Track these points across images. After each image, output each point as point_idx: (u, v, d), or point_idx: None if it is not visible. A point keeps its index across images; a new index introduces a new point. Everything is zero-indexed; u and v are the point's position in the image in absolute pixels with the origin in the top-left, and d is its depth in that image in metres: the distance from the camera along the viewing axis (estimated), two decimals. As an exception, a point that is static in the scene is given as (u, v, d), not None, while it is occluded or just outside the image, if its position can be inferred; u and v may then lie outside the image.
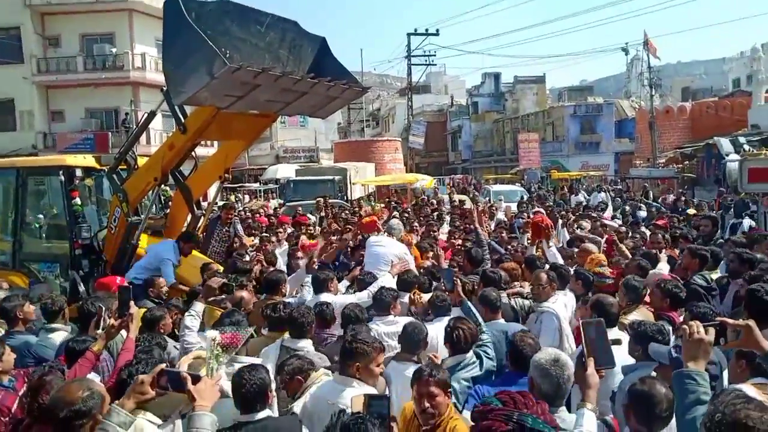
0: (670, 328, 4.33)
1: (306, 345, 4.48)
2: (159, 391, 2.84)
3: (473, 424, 2.61)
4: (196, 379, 2.83)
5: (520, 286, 6.00)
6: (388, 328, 4.93)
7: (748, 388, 3.15)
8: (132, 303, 4.29)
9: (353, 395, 3.05)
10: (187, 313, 4.83)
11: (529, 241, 8.24)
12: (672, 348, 3.37)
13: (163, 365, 2.95)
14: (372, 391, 3.57)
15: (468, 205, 17.71)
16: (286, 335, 4.63)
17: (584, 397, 2.71)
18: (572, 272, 5.93)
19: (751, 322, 2.76)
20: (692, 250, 6.44)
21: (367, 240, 7.57)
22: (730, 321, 2.79)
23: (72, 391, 2.79)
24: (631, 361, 3.84)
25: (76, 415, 2.70)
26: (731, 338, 2.78)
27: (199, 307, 4.86)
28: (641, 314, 4.81)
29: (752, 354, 2.94)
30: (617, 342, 3.45)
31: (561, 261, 7.15)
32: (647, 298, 5.20)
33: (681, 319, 4.56)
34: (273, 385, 3.59)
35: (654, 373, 3.44)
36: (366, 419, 2.47)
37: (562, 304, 5.26)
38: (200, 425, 2.69)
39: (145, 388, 2.80)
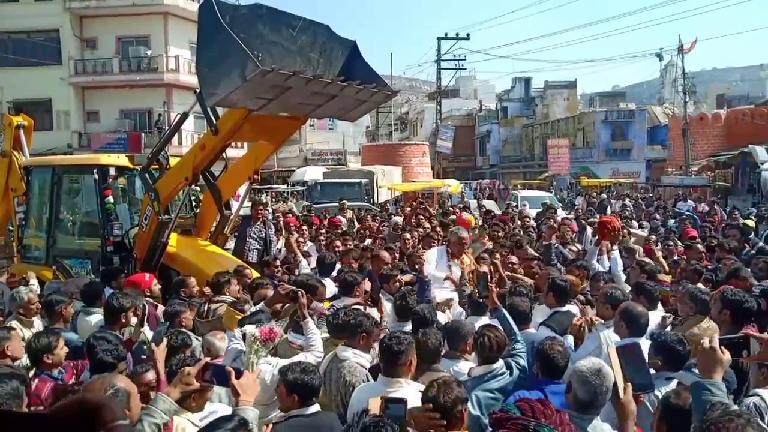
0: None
1: (349, 355, 4.15)
2: (203, 384, 2.89)
3: (490, 430, 2.60)
4: (239, 374, 2.88)
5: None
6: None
7: (766, 393, 3.23)
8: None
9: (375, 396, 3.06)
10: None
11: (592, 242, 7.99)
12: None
13: (208, 359, 2.99)
14: (418, 387, 3.58)
15: (497, 211, 17.55)
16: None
17: (621, 427, 2.58)
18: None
19: None
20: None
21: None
22: (755, 334, 2.75)
23: (95, 390, 2.84)
24: (651, 371, 3.78)
25: None
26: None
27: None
28: (708, 326, 4.53)
29: None
30: (656, 364, 3.35)
31: (621, 268, 6.93)
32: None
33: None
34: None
35: (675, 384, 3.40)
36: (386, 423, 2.48)
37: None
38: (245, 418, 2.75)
39: (191, 379, 2.84)
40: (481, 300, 5.04)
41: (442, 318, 5.62)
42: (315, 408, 3.38)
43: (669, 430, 2.67)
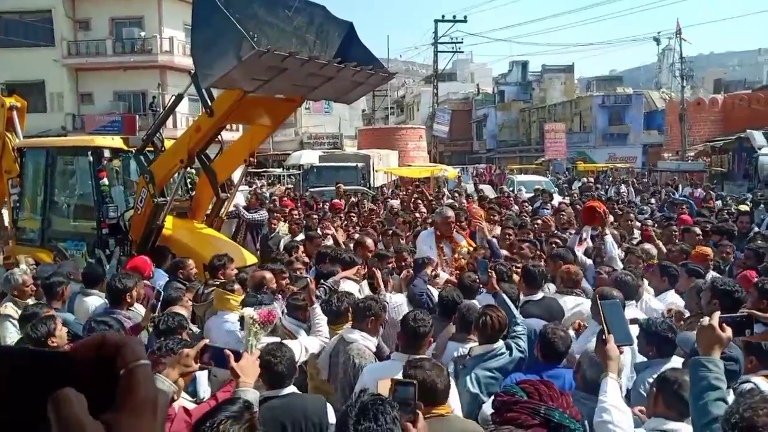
0: None
1: (357, 337, 4.19)
2: (201, 366, 2.87)
3: (494, 412, 2.58)
4: (238, 356, 2.86)
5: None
6: None
7: (758, 379, 3.28)
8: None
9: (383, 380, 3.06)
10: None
11: (574, 229, 7.80)
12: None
13: (207, 341, 2.97)
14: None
15: (491, 195, 17.55)
16: (346, 326, 4.44)
17: (606, 368, 2.81)
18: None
19: None
20: None
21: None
22: (759, 314, 2.76)
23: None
24: (643, 359, 3.84)
25: None
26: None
27: None
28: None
29: (760, 349, 3.21)
30: (635, 321, 3.65)
31: (616, 253, 6.63)
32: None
33: None
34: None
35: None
36: (385, 401, 2.46)
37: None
38: None
39: (190, 361, 2.80)
40: (479, 284, 5.05)
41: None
42: (290, 389, 3.40)
43: (664, 399, 2.82)
